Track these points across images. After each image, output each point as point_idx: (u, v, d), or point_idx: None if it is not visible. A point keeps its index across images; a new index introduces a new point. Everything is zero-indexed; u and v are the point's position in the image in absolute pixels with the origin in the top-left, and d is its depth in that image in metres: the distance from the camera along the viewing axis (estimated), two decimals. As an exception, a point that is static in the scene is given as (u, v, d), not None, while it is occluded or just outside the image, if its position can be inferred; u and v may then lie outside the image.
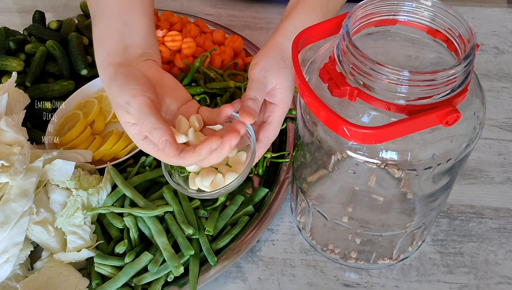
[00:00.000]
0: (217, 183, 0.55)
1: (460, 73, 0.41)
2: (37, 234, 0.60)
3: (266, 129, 0.58)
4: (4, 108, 0.68)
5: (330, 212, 0.57)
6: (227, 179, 0.54)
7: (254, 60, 0.58)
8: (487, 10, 0.99)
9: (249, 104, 0.53)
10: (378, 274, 0.62)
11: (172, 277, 0.60)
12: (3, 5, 1.06)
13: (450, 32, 0.45)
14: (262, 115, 0.59)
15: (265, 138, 0.58)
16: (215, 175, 0.54)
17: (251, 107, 0.53)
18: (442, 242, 0.65)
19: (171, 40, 0.83)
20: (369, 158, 0.47)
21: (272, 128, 0.58)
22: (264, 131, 0.58)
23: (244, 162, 0.56)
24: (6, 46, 0.83)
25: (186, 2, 1.05)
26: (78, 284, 0.59)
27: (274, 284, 0.62)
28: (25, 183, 0.59)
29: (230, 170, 0.55)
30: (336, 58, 0.45)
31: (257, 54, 0.59)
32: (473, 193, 0.70)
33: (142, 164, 0.70)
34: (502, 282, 0.62)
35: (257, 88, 0.55)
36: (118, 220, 0.62)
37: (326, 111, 0.42)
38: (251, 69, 0.57)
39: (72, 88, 0.79)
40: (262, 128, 0.58)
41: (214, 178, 0.54)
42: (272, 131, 0.58)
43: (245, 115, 0.52)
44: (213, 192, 0.54)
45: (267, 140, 0.58)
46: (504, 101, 0.82)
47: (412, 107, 0.42)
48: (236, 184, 0.54)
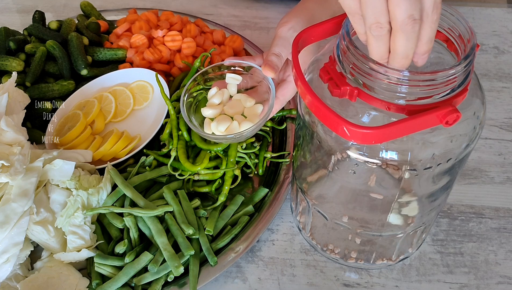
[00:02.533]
0: (232, 129, 0.56)
1: (460, 73, 0.41)
2: (37, 234, 0.60)
3: (285, 87, 0.60)
4: (4, 108, 0.68)
5: (330, 212, 0.57)
6: (242, 127, 0.57)
7: (283, 19, 0.61)
8: (487, 10, 0.99)
9: (273, 59, 0.56)
10: (378, 274, 0.62)
11: (172, 277, 0.60)
12: (3, 5, 1.06)
13: (450, 32, 0.45)
14: (282, 74, 0.62)
15: (282, 96, 0.60)
16: (230, 122, 0.56)
17: (274, 62, 0.55)
18: (442, 242, 0.65)
19: (171, 40, 0.83)
20: (369, 158, 0.47)
21: (291, 87, 0.61)
22: (282, 89, 0.60)
23: (260, 114, 0.58)
24: (6, 46, 0.83)
25: (186, 2, 1.05)
26: (78, 284, 0.59)
27: (274, 284, 0.62)
28: (25, 183, 0.59)
29: (245, 120, 0.57)
30: (336, 58, 0.45)
31: (287, 14, 0.61)
32: (473, 193, 0.70)
33: (142, 164, 0.70)
34: (502, 282, 0.62)
35: (282, 45, 0.58)
36: (118, 220, 0.62)
37: (326, 111, 0.42)
38: (279, 26, 0.60)
39: (72, 88, 0.79)
40: (281, 86, 0.60)
41: (230, 124, 0.56)
42: (290, 90, 0.61)
43: (268, 68, 0.55)
44: (228, 135, 0.55)
45: (284, 98, 0.61)
46: (504, 101, 0.82)
47: (412, 107, 0.42)
48: (250, 133, 0.56)
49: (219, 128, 0.56)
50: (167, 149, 0.70)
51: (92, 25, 0.88)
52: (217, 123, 0.56)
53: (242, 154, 0.69)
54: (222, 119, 0.57)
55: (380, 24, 0.38)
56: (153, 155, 0.70)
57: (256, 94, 0.59)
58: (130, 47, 0.85)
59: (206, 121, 0.58)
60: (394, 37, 0.39)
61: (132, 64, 0.84)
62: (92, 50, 0.84)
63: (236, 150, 0.68)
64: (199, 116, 0.61)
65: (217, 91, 0.61)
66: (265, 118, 0.55)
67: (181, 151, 0.68)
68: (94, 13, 0.93)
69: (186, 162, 0.67)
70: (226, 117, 0.58)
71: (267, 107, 0.57)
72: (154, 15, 0.90)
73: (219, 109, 0.59)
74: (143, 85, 0.80)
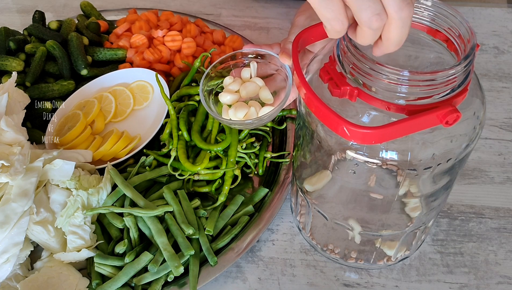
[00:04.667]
0: (250, 115, 0.58)
1: (460, 73, 0.41)
2: (37, 234, 0.60)
3: None
4: (4, 108, 0.68)
5: (330, 212, 0.57)
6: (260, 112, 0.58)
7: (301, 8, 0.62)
8: (487, 10, 0.99)
9: (290, 47, 0.56)
10: (378, 274, 0.62)
11: (172, 277, 0.60)
12: (3, 5, 1.06)
13: (450, 32, 0.45)
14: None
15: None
16: (247, 108, 0.57)
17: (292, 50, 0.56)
18: (442, 242, 0.65)
19: (171, 40, 0.83)
20: (369, 158, 0.47)
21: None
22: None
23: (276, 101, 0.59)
24: (6, 46, 0.83)
25: (186, 2, 1.05)
26: (78, 284, 0.59)
27: (274, 284, 0.62)
28: (25, 183, 0.59)
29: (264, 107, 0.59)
30: (336, 58, 0.45)
31: (305, 3, 0.62)
32: (473, 193, 0.70)
33: (142, 164, 0.70)
34: (502, 282, 0.62)
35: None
36: (118, 220, 0.62)
37: (326, 111, 0.42)
38: (297, 16, 0.61)
39: (72, 88, 0.79)
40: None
41: (248, 111, 0.57)
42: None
43: (285, 56, 0.55)
44: (246, 121, 0.57)
45: None
46: (504, 101, 0.82)
47: (412, 107, 0.42)
48: (268, 118, 0.56)
49: (237, 115, 0.57)
50: (167, 149, 0.70)
51: (92, 25, 0.88)
52: (235, 109, 0.58)
53: (242, 154, 0.69)
54: (240, 106, 0.58)
55: (380, 16, 0.38)
56: (153, 155, 0.70)
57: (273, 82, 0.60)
58: (130, 47, 0.85)
59: (224, 108, 0.60)
60: (390, 25, 0.39)
61: (132, 64, 0.84)
62: (92, 50, 0.84)
63: (236, 150, 0.68)
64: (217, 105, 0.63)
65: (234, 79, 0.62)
66: (281, 105, 0.56)
67: (181, 151, 0.68)
68: (94, 13, 0.93)
69: (186, 162, 0.67)
70: (242, 104, 0.59)
71: (283, 94, 0.58)
72: (154, 15, 0.91)
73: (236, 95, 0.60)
74: (143, 85, 0.80)
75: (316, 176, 0.56)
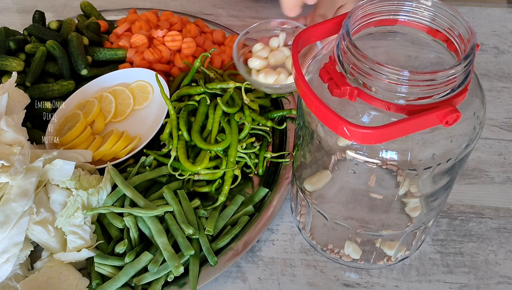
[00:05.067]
0: (279, 81, 0.60)
1: (460, 73, 0.41)
2: (37, 234, 0.60)
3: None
4: (4, 108, 0.68)
5: (330, 212, 0.57)
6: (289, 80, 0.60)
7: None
8: (487, 10, 0.99)
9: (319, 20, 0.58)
10: (378, 274, 0.62)
11: (172, 277, 0.60)
12: (3, 5, 1.06)
13: (450, 32, 0.45)
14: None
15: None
16: (277, 74, 0.60)
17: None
18: (442, 242, 0.65)
19: (171, 40, 0.83)
20: (369, 158, 0.47)
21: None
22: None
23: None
24: (6, 46, 0.83)
25: (186, 2, 1.05)
26: (78, 284, 0.59)
27: (274, 284, 0.62)
28: (25, 183, 0.59)
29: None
30: (336, 58, 0.45)
31: None
32: (473, 193, 0.70)
33: (142, 164, 0.70)
34: (502, 282, 0.62)
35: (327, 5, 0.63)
36: (118, 220, 0.62)
37: (326, 111, 0.42)
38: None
39: (72, 88, 0.79)
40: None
41: (278, 76, 0.59)
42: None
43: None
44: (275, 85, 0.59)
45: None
46: (504, 101, 0.82)
47: (412, 107, 0.42)
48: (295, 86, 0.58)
49: (268, 80, 0.59)
50: (167, 149, 0.70)
51: (92, 25, 0.88)
52: (265, 74, 0.59)
53: (242, 154, 0.69)
54: (270, 71, 0.59)
55: None
56: (153, 155, 0.70)
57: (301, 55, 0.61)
58: (130, 47, 0.85)
59: (253, 73, 0.61)
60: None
61: (132, 64, 0.84)
62: (92, 50, 0.84)
63: (236, 150, 0.68)
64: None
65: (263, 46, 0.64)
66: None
67: (181, 151, 0.68)
68: (94, 13, 0.93)
69: (186, 162, 0.67)
70: (271, 71, 0.60)
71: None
72: (154, 15, 0.90)
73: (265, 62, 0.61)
74: (143, 85, 0.80)
75: (316, 176, 0.56)
